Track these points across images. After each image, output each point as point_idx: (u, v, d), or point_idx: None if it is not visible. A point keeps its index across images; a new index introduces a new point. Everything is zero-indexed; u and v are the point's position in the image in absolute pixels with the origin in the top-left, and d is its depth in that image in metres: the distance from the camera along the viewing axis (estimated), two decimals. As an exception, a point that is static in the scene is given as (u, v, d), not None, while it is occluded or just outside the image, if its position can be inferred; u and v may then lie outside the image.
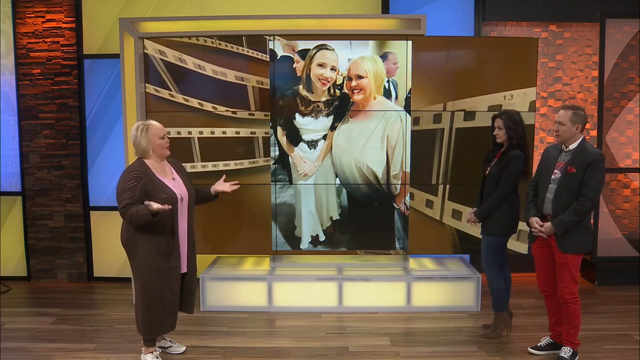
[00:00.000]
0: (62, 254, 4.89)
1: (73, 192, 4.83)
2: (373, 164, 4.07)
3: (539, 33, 4.88)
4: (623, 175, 4.76)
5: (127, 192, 2.85)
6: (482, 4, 4.67)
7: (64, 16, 4.69)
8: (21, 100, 4.77)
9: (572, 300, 3.04)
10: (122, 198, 2.86)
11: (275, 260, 4.29)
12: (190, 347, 3.38)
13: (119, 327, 3.77)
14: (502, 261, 3.47)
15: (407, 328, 3.75)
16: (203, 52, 4.02)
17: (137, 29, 4.01)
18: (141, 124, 3.01)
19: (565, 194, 2.99)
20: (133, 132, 3.00)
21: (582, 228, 3.00)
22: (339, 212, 4.13)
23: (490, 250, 3.43)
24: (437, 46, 4.06)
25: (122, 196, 2.86)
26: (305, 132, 4.07)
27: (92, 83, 4.75)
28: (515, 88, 3.99)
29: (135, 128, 3.00)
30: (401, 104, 4.03)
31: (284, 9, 4.51)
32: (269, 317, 3.95)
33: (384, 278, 4.07)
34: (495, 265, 3.43)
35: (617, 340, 3.46)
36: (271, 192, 4.12)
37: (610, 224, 4.77)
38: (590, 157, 2.93)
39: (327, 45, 3.99)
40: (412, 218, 4.12)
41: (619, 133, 4.73)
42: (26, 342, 3.52)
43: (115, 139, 4.74)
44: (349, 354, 3.31)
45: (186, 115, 4.07)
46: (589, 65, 4.92)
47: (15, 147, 4.87)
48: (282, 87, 4.03)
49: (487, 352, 3.30)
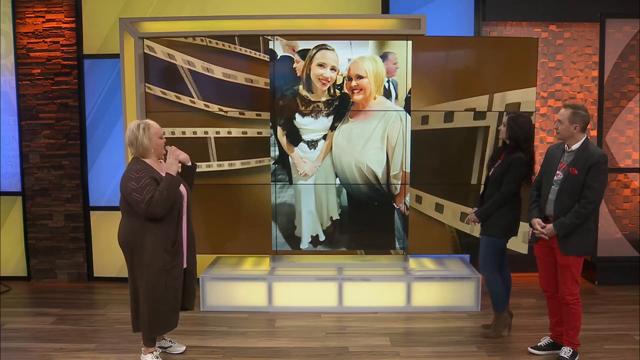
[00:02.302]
0: (62, 254, 4.89)
1: (73, 192, 4.83)
2: (373, 164, 4.07)
3: (539, 33, 4.88)
4: (623, 175, 4.76)
5: (147, 187, 2.84)
6: (482, 4, 4.67)
7: (64, 16, 4.69)
8: (21, 100, 4.77)
9: (573, 301, 3.04)
10: (144, 195, 2.83)
11: (275, 260, 4.29)
12: (190, 347, 3.38)
13: (119, 327, 3.77)
14: (501, 262, 3.46)
15: (407, 328, 3.75)
16: (203, 52, 4.02)
17: (137, 29, 4.01)
18: (140, 122, 2.99)
19: (567, 196, 2.98)
20: (132, 131, 2.96)
21: (584, 230, 2.99)
22: (339, 212, 4.13)
23: (490, 252, 3.42)
24: (437, 46, 4.06)
25: (143, 193, 2.83)
26: (305, 132, 4.07)
27: (92, 83, 4.75)
28: (516, 88, 3.99)
29: (135, 127, 2.96)
30: (401, 104, 4.03)
31: (284, 9, 4.51)
32: (269, 317, 3.95)
33: (384, 278, 4.07)
34: (493, 267, 3.43)
35: (617, 340, 3.46)
36: (271, 192, 4.12)
37: (610, 224, 4.77)
38: (592, 159, 2.91)
39: (327, 45, 3.99)
40: (412, 218, 4.12)
41: (619, 133, 4.73)
42: (26, 342, 3.52)
43: (115, 139, 4.74)
44: (349, 354, 3.31)
45: (186, 115, 4.07)
46: (589, 65, 4.92)
47: (15, 147, 4.87)
48: (282, 87, 4.03)
49: (487, 352, 3.30)
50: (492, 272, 3.43)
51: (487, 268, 3.44)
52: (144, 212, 2.86)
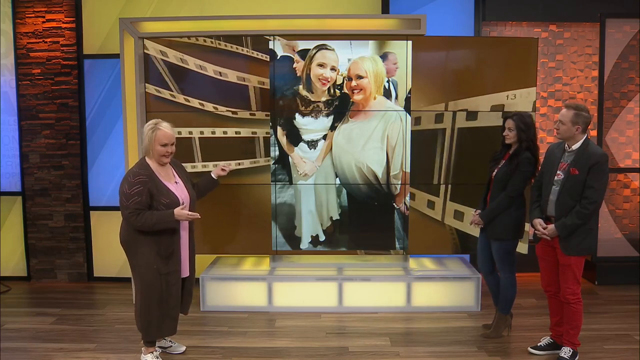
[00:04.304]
0: (62, 254, 4.89)
1: (73, 192, 4.83)
2: (373, 164, 4.07)
3: (539, 33, 4.88)
4: (623, 175, 4.76)
5: (134, 197, 2.84)
6: (482, 4, 4.67)
7: (64, 16, 4.69)
8: (21, 100, 4.77)
9: (575, 301, 3.04)
10: (129, 203, 2.84)
11: (275, 260, 4.29)
12: (190, 347, 3.38)
13: (119, 327, 3.77)
14: (514, 263, 3.43)
15: (407, 328, 3.75)
16: (203, 52, 4.01)
17: (137, 29, 4.01)
18: (154, 122, 2.98)
19: (568, 196, 2.97)
20: (145, 126, 3.00)
21: (585, 230, 2.98)
22: (339, 212, 4.13)
23: (502, 255, 3.38)
24: (437, 46, 4.06)
25: (129, 201, 2.85)
26: (305, 132, 4.07)
27: (92, 83, 4.75)
28: (516, 88, 3.99)
29: (149, 124, 2.98)
30: (401, 104, 4.03)
31: (284, 9, 4.51)
32: (269, 317, 3.95)
33: (384, 278, 4.07)
34: (510, 268, 3.39)
35: (617, 340, 3.46)
36: (271, 192, 4.12)
37: (610, 224, 4.77)
38: (593, 159, 2.90)
39: (327, 45, 3.99)
40: (412, 218, 4.12)
41: (619, 133, 4.73)
42: (26, 342, 3.52)
43: (115, 139, 4.74)
44: (349, 354, 3.31)
45: (186, 115, 4.07)
46: (589, 65, 4.92)
47: (15, 147, 4.87)
48: (282, 87, 4.03)
49: (487, 352, 3.30)
50: (509, 274, 3.40)
51: (504, 269, 3.40)
52: (125, 218, 2.91)
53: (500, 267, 3.42)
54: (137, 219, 2.84)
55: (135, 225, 2.87)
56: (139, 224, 2.85)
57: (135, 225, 2.86)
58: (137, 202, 2.84)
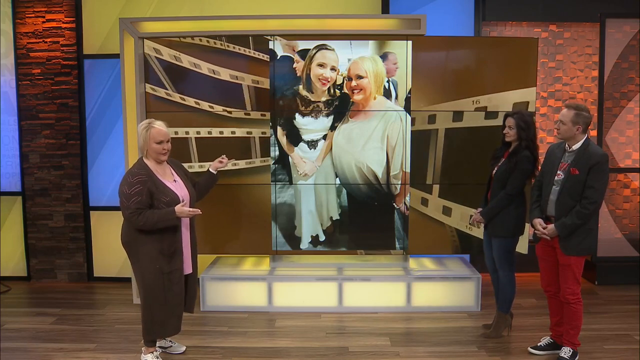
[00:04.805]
0: (62, 254, 4.89)
1: (73, 192, 4.83)
2: (373, 164, 4.07)
3: (539, 33, 4.88)
4: (623, 175, 4.76)
5: (135, 197, 2.85)
6: (482, 4, 4.67)
7: (64, 16, 4.69)
8: (21, 100, 4.77)
9: (575, 301, 3.04)
10: (130, 203, 2.85)
11: (275, 260, 4.29)
12: (190, 347, 3.38)
13: (119, 327, 3.77)
14: (513, 262, 3.44)
15: (407, 328, 3.75)
16: (202, 52, 4.01)
17: (137, 29, 4.00)
18: (147, 122, 3.00)
19: (568, 196, 2.97)
20: (139, 126, 3.01)
21: (585, 230, 2.98)
22: (339, 212, 4.13)
23: (502, 253, 3.39)
24: (437, 46, 4.06)
25: (130, 201, 2.85)
26: (305, 132, 4.07)
27: (92, 83, 4.75)
28: (516, 88, 3.99)
29: (142, 124, 3.00)
30: (401, 104, 4.03)
31: (284, 9, 4.51)
32: (269, 317, 3.95)
33: (384, 278, 4.07)
34: (509, 266, 3.40)
35: (617, 340, 3.47)
36: (271, 192, 4.12)
37: (610, 224, 4.77)
38: (593, 159, 2.90)
39: (327, 45, 3.99)
40: (412, 218, 4.12)
41: (619, 133, 4.73)
42: (26, 342, 3.52)
43: (115, 139, 4.74)
44: (349, 354, 3.31)
45: (186, 115, 4.07)
46: (589, 65, 4.92)
47: (15, 147, 4.87)
48: (282, 87, 4.03)
49: (487, 352, 3.30)
50: (508, 272, 3.41)
51: (503, 267, 3.41)
52: (127, 218, 2.91)
53: (499, 265, 3.43)
54: (138, 219, 2.84)
55: (137, 225, 2.87)
56: (141, 224, 2.86)
57: (137, 224, 2.86)
58: (137, 201, 2.85)
